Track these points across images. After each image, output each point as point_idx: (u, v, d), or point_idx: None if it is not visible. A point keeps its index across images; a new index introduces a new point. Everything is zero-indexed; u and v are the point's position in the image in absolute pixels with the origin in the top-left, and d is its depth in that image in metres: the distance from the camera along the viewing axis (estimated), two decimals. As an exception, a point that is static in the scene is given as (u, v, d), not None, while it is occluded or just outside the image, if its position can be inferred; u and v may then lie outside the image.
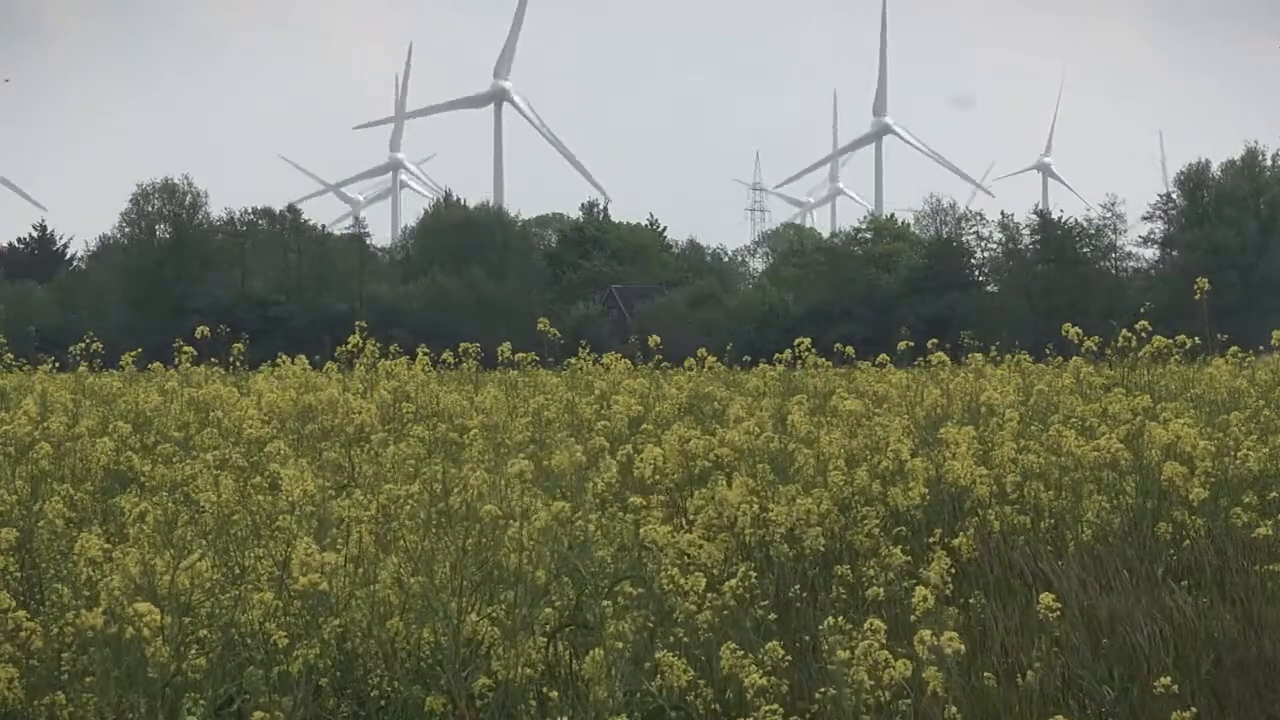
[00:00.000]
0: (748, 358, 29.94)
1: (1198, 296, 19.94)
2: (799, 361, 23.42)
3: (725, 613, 9.75)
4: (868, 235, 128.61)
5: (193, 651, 8.67)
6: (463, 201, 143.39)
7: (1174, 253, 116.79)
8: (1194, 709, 8.28)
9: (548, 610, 9.43)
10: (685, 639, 9.56)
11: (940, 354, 19.25)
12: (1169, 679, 8.66)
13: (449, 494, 10.04)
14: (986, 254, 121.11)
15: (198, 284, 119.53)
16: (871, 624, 7.88)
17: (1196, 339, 20.54)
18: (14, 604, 9.15)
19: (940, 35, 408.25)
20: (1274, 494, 12.87)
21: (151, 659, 8.31)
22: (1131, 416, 14.86)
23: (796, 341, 23.48)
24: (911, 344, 22.06)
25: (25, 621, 8.94)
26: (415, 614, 9.34)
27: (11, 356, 26.66)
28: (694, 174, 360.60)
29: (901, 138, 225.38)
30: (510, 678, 8.93)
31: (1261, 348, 24.05)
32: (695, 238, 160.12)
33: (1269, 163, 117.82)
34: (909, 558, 11.26)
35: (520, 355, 24.15)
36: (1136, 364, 20.03)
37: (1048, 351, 25.48)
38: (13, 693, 8.56)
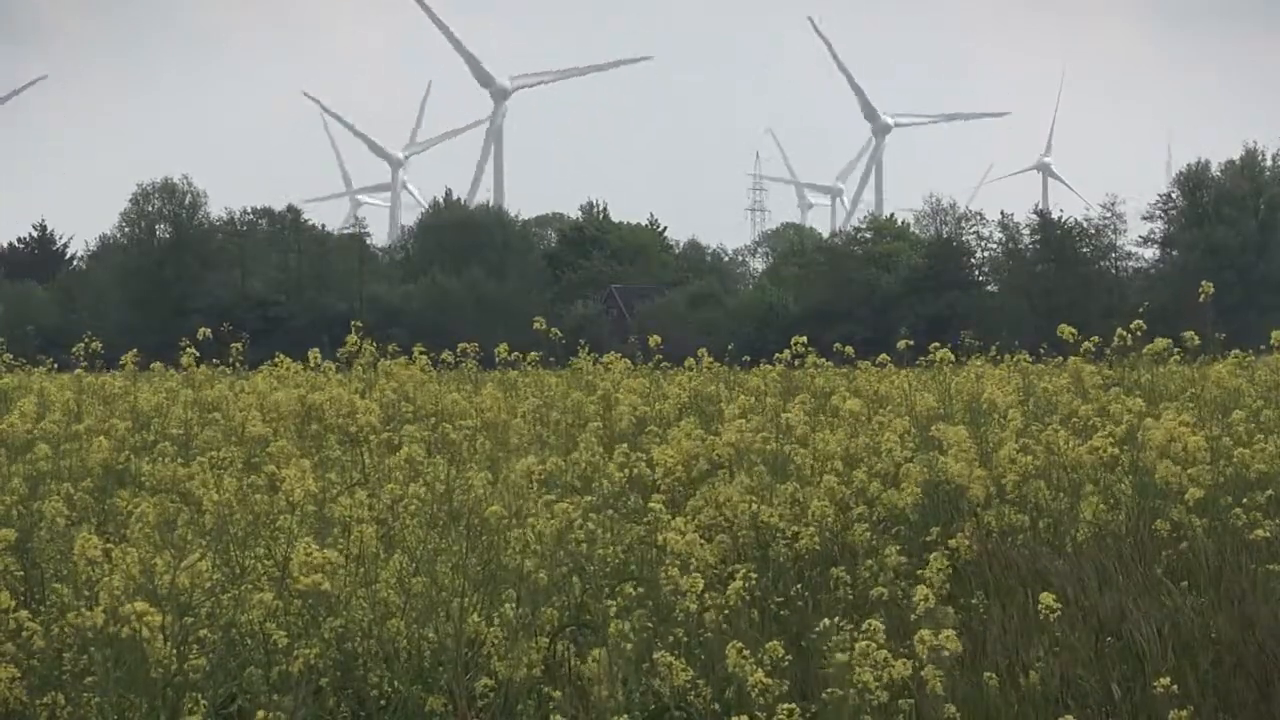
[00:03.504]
0: (747, 358, 29.91)
1: (1202, 298, 19.93)
2: (798, 361, 23.40)
3: (725, 612, 9.75)
4: (868, 235, 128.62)
5: (194, 651, 8.67)
6: (463, 201, 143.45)
7: (1174, 252, 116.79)
8: (1194, 709, 8.29)
9: (550, 610, 9.44)
10: (685, 639, 9.56)
11: (944, 352, 19.24)
12: (1168, 679, 8.66)
13: (451, 494, 10.05)
14: (986, 254, 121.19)
15: (198, 284, 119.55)
16: (870, 625, 7.88)
17: (1197, 339, 20.53)
18: (14, 604, 9.14)
19: (940, 35, 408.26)
20: (1270, 492, 12.87)
21: (152, 659, 8.31)
22: (1127, 415, 14.85)
23: (794, 340, 23.44)
24: (911, 343, 22.05)
25: (27, 621, 8.94)
26: (417, 614, 9.34)
27: (11, 357, 26.60)
28: (694, 174, 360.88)
29: (906, 124, 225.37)
30: (512, 678, 8.93)
31: (1262, 347, 24.03)
32: (695, 238, 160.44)
33: (1269, 163, 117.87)
34: (906, 558, 11.25)
35: (519, 355, 24.14)
36: (1135, 364, 20.02)
37: (1042, 351, 25.48)
38: (13, 693, 8.56)
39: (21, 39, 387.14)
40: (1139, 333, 19.64)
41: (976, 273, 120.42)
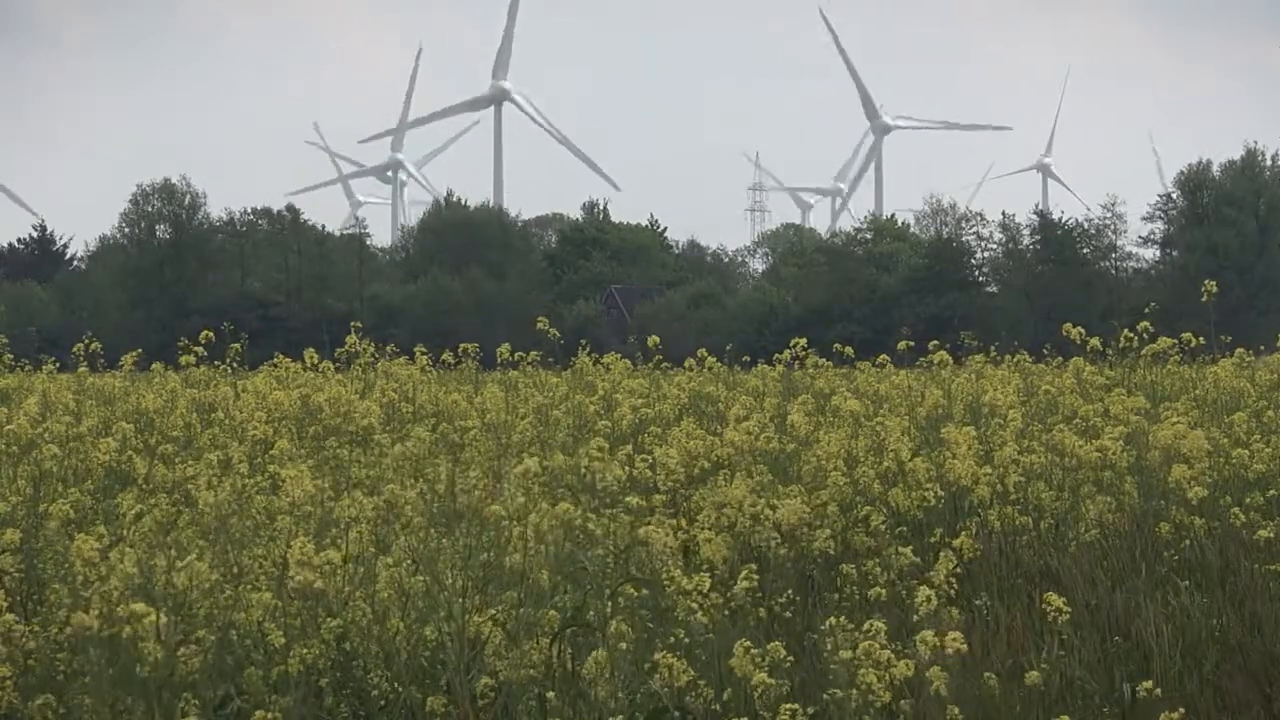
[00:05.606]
0: (747, 358, 29.92)
1: (1205, 299, 19.96)
2: (798, 361, 23.44)
3: (726, 613, 9.75)
4: (868, 235, 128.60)
5: (187, 651, 8.65)
6: (463, 201, 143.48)
7: (1173, 253, 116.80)
8: (1199, 708, 8.29)
9: (551, 611, 9.43)
10: (685, 639, 9.55)
11: (942, 353, 19.27)
12: (1150, 683, 8.67)
13: (452, 494, 10.03)
14: (986, 254, 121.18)
15: (198, 284, 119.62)
16: (872, 624, 7.87)
17: (1201, 339, 20.58)
18: (8, 605, 9.11)
19: (941, 34, 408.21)
20: (1273, 492, 12.88)
21: (146, 660, 8.30)
22: (1130, 417, 14.86)
23: (794, 342, 23.52)
24: (912, 344, 22.07)
25: (15, 624, 8.91)
26: (417, 614, 9.34)
27: (12, 357, 26.60)
28: (695, 174, 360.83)
29: (905, 128, 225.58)
30: (513, 678, 8.93)
31: (1263, 348, 24.05)
32: (695, 238, 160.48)
33: (1269, 163, 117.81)
34: (918, 559, 11.25)
35: (520, 355, 24.17)
36: (1136, 364, 20.05)
37: (1046, 351, 25.50)
38: (5, 694, 8.54)
39: (21, 39, 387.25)
40: (1145, 334, 19.69)
41: (976, 273, 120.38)
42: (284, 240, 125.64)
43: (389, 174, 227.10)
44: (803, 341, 23.48)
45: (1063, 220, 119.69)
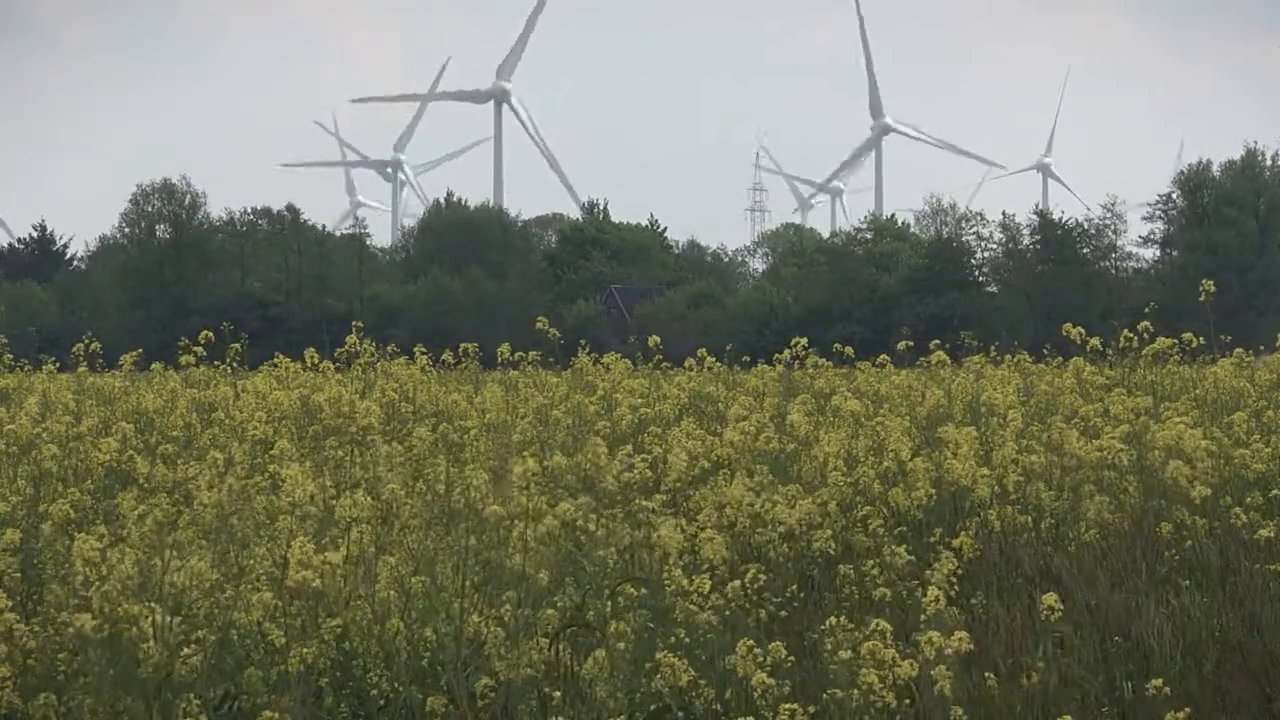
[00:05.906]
0: (747, 358, 29.90)
1: (1203, 298, 19.95)
2: (798, 361, 23.44)
3: (726, 614, 9.74)
4: (868, 235, 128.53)
5: (186, 651, 8.64)
6: (463, 201, 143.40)
7: (1173, 253, 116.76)
8: (1197, 709, 8.27)
9: (550, 611, 9.43)
10: (686, 639, 9.54)
11: (940, 353, 19.27)
12: (1160, 681, 8.67)
13: (452, 493, 10.04)
14: (986, 254, 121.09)
15: (198, 284, 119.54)
16: (878, 624, 7.86)
17: (1200, 339, 20.56)
18: (8, 605, 9.11)
19: (941, 34, 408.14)
20: (1275, 492, 12.88)
21: (145, 659, 8.30)
22: (1134, 417, 14.86)
23: (794, 342, 23.52)
24: (912, 344, 22.07)
25: (16, 624, 8.91)
26: (417, 614, 9.34)
27: (12, 357, 26.58)
28: (694, 174, 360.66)
29: (905, 134, 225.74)
30: (513, 678, 8.92)
31: (1262, 348, 24.05)
32: (695, 238, 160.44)
33: (1269, 163, 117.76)
34: (913, 558, 11.24)
35: (520, 355, 24.18)
36: (1137, 364, 20.04)
37: (1046, 351, 25.49)
38: (5, 694, 8.53)
39: (21, 39, 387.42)
40: (1145, 334, 19.67)
41: (977, 273, 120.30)
42: (284, 240, 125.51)
43: (389, 170, 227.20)
44: (803, 341, 23.47)
45: (1063, 220, 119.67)
